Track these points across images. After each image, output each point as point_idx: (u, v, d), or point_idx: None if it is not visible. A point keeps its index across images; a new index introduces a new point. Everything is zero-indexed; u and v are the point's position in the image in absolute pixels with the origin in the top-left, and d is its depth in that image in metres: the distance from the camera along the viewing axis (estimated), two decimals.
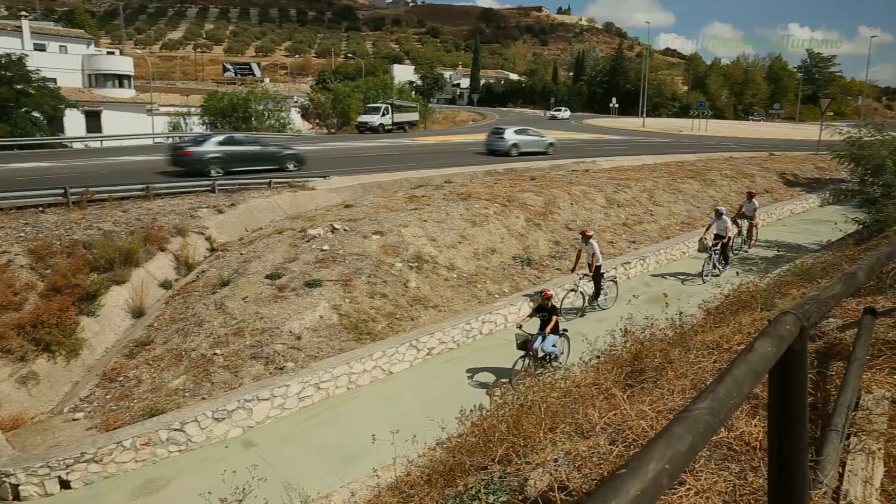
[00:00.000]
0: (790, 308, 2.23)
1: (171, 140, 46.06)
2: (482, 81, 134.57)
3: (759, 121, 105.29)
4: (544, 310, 11.93)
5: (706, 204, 25.18)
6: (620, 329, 7.29)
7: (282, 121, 53.40)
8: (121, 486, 9.59)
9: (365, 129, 52.76)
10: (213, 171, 22.33)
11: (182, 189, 19.44)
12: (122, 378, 12.10)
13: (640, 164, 31.61)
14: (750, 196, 20.72)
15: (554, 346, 11.97)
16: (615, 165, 30.71)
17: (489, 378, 12.12)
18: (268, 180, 21.20)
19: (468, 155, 33.59)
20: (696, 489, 3.05)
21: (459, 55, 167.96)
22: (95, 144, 42.43)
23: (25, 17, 60.88)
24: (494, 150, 33.18)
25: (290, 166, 24.89)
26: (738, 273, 15.13)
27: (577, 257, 15.72)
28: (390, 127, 54.35)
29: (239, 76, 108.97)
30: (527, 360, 11.55)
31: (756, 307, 8.26)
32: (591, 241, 15.30)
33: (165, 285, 15.32)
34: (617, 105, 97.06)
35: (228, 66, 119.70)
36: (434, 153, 35.03)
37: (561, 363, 11.78)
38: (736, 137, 55.76)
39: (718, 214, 17.90)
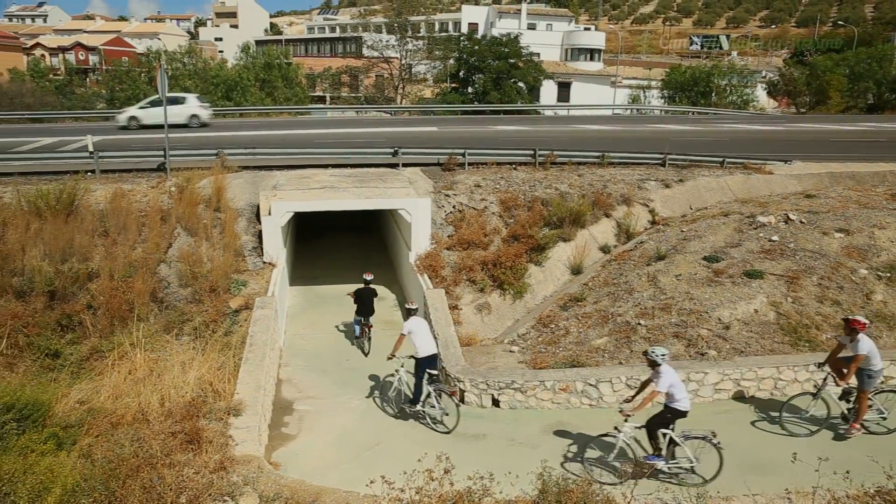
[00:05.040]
0: None
1: (629, 112, 47.86)
2: None
3: None
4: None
5: None
6: None
7: (744, 97, 50.07)
8: (536, 418, 10.78)
9: None
10: None
11: (634, 160, 20.04)
12: (553, 326, 13.39)
13: None
14: None
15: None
16: None
17: None
18: (721, 159, 20.26)
19: None
20: None
21: None
22: (563, 113, 46.96)
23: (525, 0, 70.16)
24: None
25: None
26: None
27: (641, 388, 9.52)
28: None
29: (705, 49, 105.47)
30: None
31: None
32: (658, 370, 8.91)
33: (604, 249, 16.20)
34: None
35: (695, 39, 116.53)
36: None
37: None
38: None
39: (852, 330, 9.35)
